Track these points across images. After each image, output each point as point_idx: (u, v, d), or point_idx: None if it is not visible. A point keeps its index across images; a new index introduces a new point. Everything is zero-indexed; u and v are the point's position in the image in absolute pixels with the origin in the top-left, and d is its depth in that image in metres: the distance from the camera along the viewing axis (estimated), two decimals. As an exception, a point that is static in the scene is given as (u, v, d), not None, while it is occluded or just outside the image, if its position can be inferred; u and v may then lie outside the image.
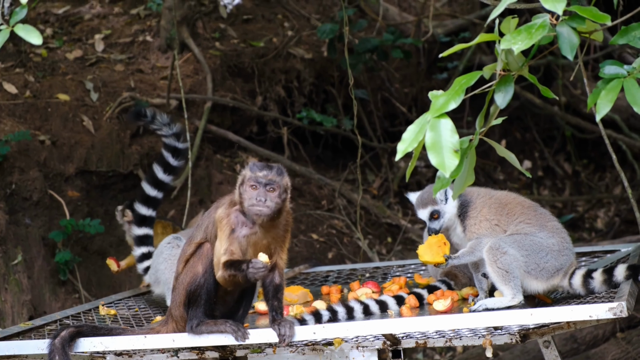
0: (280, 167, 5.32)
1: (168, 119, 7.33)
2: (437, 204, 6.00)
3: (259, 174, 5.24)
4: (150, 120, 7.29)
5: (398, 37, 11.11)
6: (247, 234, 5.30)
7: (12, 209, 9.04)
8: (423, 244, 5.92)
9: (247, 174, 5.28)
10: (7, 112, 9.56)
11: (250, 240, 5.30)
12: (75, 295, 9.16)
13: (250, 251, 5.31)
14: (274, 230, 5.35)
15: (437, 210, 6.01)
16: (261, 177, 5.24)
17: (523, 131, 13.25)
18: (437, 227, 6.00)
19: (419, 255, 5.87)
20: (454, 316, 5.38)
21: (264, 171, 5.26)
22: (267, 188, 5.23)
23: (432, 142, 3.88)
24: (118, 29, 11.22)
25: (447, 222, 6.03)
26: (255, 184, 5.23)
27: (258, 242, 5.32)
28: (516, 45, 3.87)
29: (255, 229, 5.30)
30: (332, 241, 10.75)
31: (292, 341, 5.28)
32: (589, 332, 9.05)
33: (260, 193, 5.22)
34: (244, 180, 5.28)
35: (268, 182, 5.23)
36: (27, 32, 4.05)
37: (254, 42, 11.45)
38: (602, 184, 12.85)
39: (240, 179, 5.32)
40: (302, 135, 11.67)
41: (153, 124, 7.31)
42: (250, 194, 5.24)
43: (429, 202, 6.02)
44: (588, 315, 5.05)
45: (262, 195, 5.22)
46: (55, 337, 5.41)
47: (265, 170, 5.26)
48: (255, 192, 5.23)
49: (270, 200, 5.23)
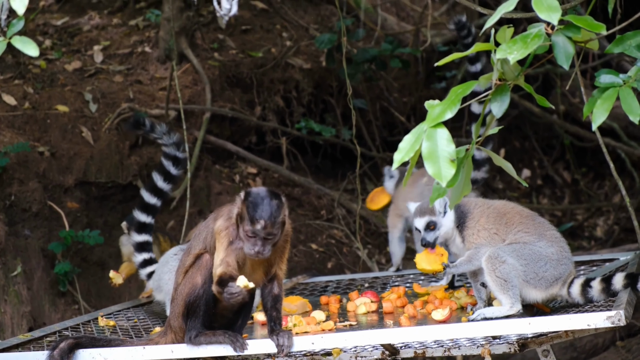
0: (277, 206, 5.20)
1: (167, 128, 7.36)
2: (435, 215, 5.97)
3: (257, 227, 5.14)
4: (149, 129, 7.32)
5: (396, 46, 11.12)
6: (245, 248, 5.29)
7: (12, 220, 9.04)
8: (421, 253, 5.90)
9: (246, 216, 5.17)
10: (6, 124, 9.57)
11: None
12: (75, 307, 9.16)
13: (249, 263, 5.30)
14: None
15: (433, 221, 5.98)
16: (259, 230, 5.14)
17: (522, 140, 13.25)
18: (430, 239, 5.94)
19: (417, 263, 5.86)
20: (452, 326, 5.38)
21: (262, 221, 5.13)
22: (265, 240, 5.17)
23: (429, 151, 3.89)
24: (117, 40, 11.23)
25: (443, 235, 5.98)
26: (253, 234, 5.17)
27: None
28: (512, 54, 3.88)
29: (254, 242, 5.29)
30: (331, 251, 10.75)
31: (291, 351, 5.28)
32: (588, 341, 9.05)
33: (258, 244, 5.16)
34: (243, 219, 5.19)
35: (267, 236, 5.17)
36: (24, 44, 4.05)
37: (253, 53, 11.46)
38: (601, 192, 12.84)
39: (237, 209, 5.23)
40: (301, 145, 11.67)
41: (153, 133, 7.34)
42: (249, 241, 5.17)
43: (426, 212, 5.98)
44: (586, 324, 5.05)
45: (261, 245, 5.16)
46: (54, 349, 5.39)
47: (263, 220, 5.13)
48: (253, 241, 5.17)
49: (269, 249, 5.19)
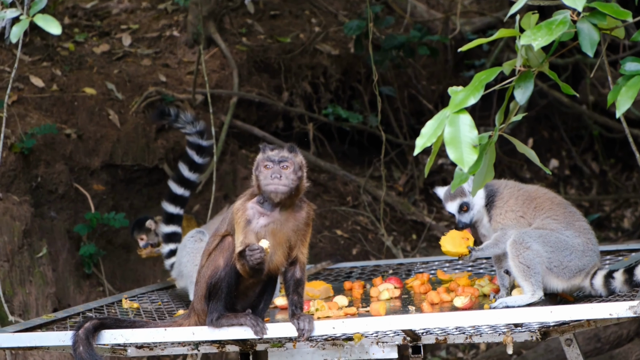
0: (292, 145, 5.26)
1: (192, 117, 7.37)
2: (466, 196, 5.90)
3: (270, 153, 5.19)
4: (174, 118, 7.34)
5: (425, 34, 11.08)
6: (265, 223, 5.22)
7: (38, 202, 9.09)
8: (446, 235, 5.85)
9: (260, 156, 5.24)
10: (34, 106, 9.61)
11: (268, 229, 5.22)
12: (100, 289, 9.20)
13: (270, 241, 5.24)
14: (294, 222, 5.27)
15: (466, 202, 5.91)
16: (273, 155, 5.18)
17: (550, 130, 13.19)
18: (467, 220, 5.89)
19: (442, 246, 5.80)
20: (474, 312, 5.36)
21: (275, 150, 5.21)
22: (281, 165, 5.16)
23: (451, 137, 3.85)
24: (145, 24, 11.26)
25: (476, 214, 5.94)
26: (268, 162, 5.17)
27: (277, 232, 5.23)
28: (536, 41, 3.84)
29: (274, 218, 5.22)
30: (356, 237, 10.75)
31: (312, 336, 5.27)
32: (612, 332, 9.00)
33: (275, 171, 5.15)
34: (258, 163, 5.23)
35: (281, 160, 5.17)
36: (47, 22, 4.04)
37: (281, 38, 11.46)
38: (629, 184, 12.77)
39: (255, 164, 5.27)
40: (328, 131, 11.67)
41: (177, 122, 7.36)
42: (265, 174, 5.17)
43: (457, 195, 5.91)
44: (608, 314, 5.00)
45: (277, 172, 5.14)
46: (79, 329, 5.39)
47: (277, 149, 5.21)
48: (270, 171, 5.16)
49: (286, 177, 5.15)
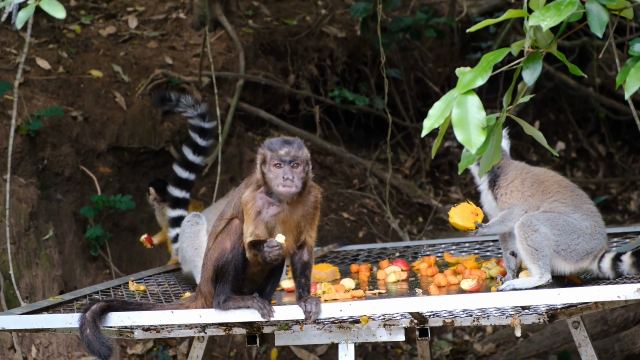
0: (298, 141, 5.23)
1: (193, 101, 7.38)
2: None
3: (281, 152, 5.15)
4: (175, 103, 7.35)
5: (432, 16, 11.04)
6: (275, 213, 5.23)
7: (44, 184, 9.09)
8: (456, 207, 5.84)
9: (267, 153, 5.19)
10: (40, 88, 9.60)
11: (279, 218, 5.24)
12: (106, 271, 9.20)
13: (280, 229, 5.26)
14: (302, 208, 5.28)
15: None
16: (284, 154, 5.14)
17: (557, 112, 13.16)
18: None
19: (450, 217, 5.77)
20: (481, 295, 5.35)
21: (285, 148, 5.16)
22: (291, 165, 5.15)
23: (459, 118, 3.84)
24: (151, 6, 11.23)
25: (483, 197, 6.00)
26: (279, 162, 5.15)
27: (287, 220, 5.25)
28: (545, 22, 3.82)
29: (283, 207, 5.23)
30: (362, 220, 10.74)
31: (319, 318, 5.26)
32: (619, 314, 8.99)
33: (286, 171, 5.13)
34: (266, 160, 5.19)
35: (292, 159, 5.15)
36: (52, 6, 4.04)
37: (287, 20, 11.43)
38: (635, 166, 12.75)
39: (260, 157, 5.23)
40: (334, 114, 11.65)
41: (178, 107, 7.37)
42: (275, 173, 5.15)
43: None
44: (616, 296, 4.99)
45: (289, 173, 5.13)
46: (86, 311, 5.40)
47: (287, 147, 5.16)
48: (281, 171, 5.14)
49: (297, 178, 5.14)
